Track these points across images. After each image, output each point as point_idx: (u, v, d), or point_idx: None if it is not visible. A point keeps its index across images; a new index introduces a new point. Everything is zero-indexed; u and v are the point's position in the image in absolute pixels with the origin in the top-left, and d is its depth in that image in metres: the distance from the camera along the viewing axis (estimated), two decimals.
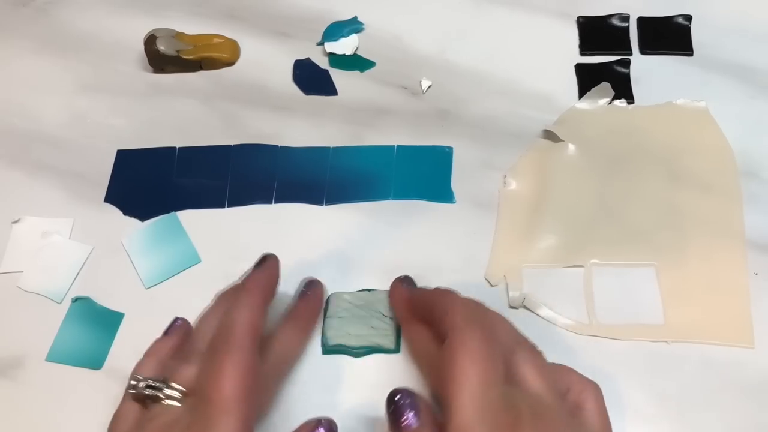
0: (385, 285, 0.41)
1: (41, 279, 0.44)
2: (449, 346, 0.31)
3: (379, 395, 0.39)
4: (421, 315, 0.37)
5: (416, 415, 0.31)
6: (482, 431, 0.28)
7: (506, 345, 0.33)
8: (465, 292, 0.41)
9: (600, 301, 0.41)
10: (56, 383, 0.41)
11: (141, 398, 0.34)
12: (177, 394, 0.33)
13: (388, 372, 0.40)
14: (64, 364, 0.42)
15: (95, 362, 0.42)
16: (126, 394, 0.35)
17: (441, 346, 0.32)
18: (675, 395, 0.38)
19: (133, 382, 0.35)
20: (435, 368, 0.32)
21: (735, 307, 0.40)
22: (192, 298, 0.43)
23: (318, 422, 0.33)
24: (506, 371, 0.31)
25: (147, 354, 0.38)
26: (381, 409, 0.38)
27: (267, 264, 0.38)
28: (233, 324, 0.33)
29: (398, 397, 0.32)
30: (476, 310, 0.34)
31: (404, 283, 0.40)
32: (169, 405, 0.33)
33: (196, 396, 0.32)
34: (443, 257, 0.43)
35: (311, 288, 0.41)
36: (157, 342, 0.38)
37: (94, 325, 0.43)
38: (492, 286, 0.42)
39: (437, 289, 0.37)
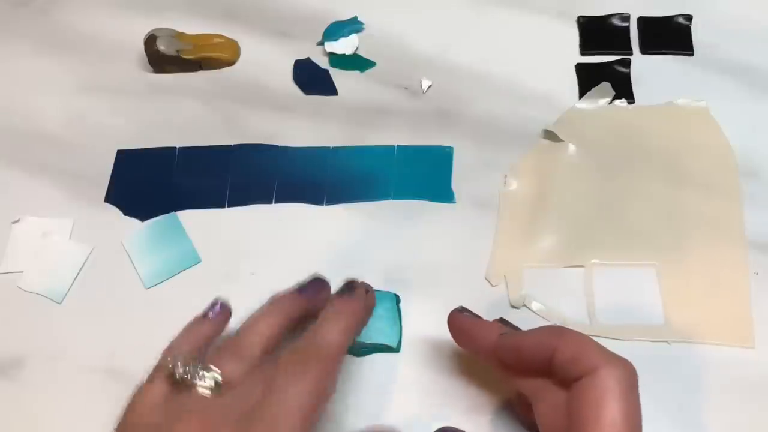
0: (385, 285, 0.42)
1: (41, 279, 0.44)
2: (593, 386, 0.29)
3: (382, 395, 0.39)
4: (517, 359, 0.33)
5: None
6: None
7: None
8: (465, 292, 0.41)
9: (600, 301, 0.41)
10: (57, 383, 0.41)
11: (175, 380, 0.31)
12: (213, 386, 0.31)
13: (390, 371, 0.40)
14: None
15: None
16: (156, 373, 0.32)
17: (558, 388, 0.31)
18: (675, 395, 0.38)
19: (171, 360, 0.32)
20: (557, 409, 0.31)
21: (735, 307, 0.40)
22: (192, 298, 0.43)
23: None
24: None
25: (186, 331, 0.35)
26: (383, 409, 0.39)
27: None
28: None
29: None
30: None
31: (465, 313, 0.36)
32: (201, 395, 0.31)
33: (255, 403, 0.30)
34: (443, 257, 0.43)
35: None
36: (196, 322, 0.36)
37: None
38: (492, 286, 0.42)
39: (540, 329, 0.33)
